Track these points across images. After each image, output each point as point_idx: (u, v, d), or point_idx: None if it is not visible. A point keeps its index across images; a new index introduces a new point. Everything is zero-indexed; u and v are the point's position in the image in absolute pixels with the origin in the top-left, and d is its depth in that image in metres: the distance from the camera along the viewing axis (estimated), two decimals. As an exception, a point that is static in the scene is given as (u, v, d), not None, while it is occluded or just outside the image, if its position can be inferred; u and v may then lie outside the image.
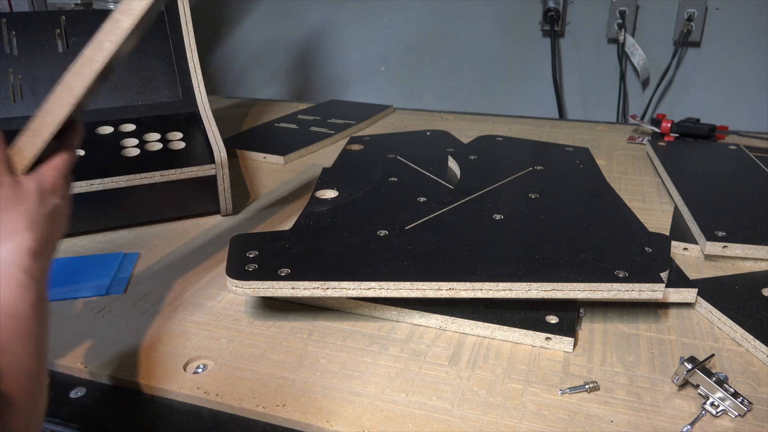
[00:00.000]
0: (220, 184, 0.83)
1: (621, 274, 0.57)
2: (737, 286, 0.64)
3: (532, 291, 0.57)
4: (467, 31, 1.58)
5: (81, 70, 0.47)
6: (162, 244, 0.77)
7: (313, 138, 1.16)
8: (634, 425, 0.47)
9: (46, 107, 0.47)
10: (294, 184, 0.97)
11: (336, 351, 0.56)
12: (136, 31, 0.48)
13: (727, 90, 1.41)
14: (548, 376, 0.53)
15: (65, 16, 0.87)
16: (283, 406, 0.49)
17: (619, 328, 0.60)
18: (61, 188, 0.47)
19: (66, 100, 0.47)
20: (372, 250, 0.63)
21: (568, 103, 1.55)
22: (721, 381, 0.49)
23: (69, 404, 0.50)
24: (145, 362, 0.54)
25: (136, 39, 0.51)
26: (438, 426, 0.47)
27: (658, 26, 1.41)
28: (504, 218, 0.71)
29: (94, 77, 0.47)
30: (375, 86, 1.73)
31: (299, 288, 0.58)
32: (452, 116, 1.39)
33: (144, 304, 0.64)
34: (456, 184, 0.84)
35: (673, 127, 1.15)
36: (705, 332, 0.59)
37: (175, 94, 0.90)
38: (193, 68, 0.90)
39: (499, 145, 1.04)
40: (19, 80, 0.83)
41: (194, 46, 0.91)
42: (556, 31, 1.46)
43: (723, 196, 0.83)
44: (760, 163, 0.97)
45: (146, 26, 0.50)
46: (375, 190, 0.82)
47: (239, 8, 1.78)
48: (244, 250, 0.63)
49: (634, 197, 0.91)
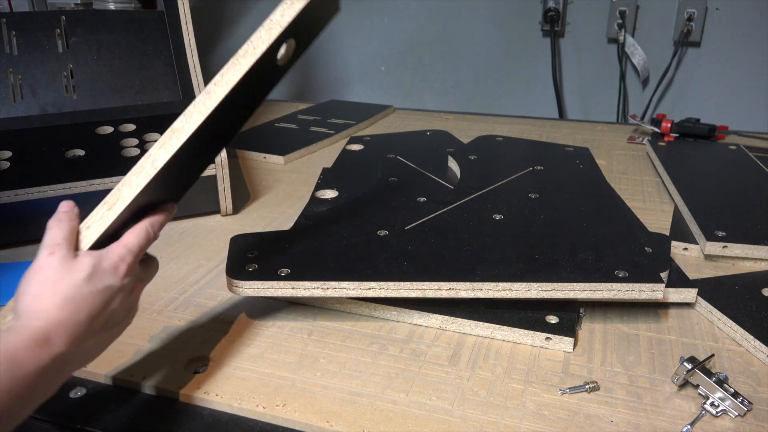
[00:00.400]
0: (220, 184, 0.83)
1: (621, 274, 0.57)
2: (737, 286, 0.64)
3: (532, 291, 0.57)
4: (467, 31, 1.58)
5: (167, 141, 0.44)
6: (162, 244, 0.77)
7: (313, 138, 1.16)
8: (634, 425, 0.47)
9: (125, 179, 0.44)
10: (294, 184, 0.97)
11: (336, 351, 0.56)
12: (221, 109, 0.45)
13: (727, 90, 1.41)
14: (548, 376, 0.53)
15: (65, 16, 0.87)
16: (283, 406, 0.49)
17: (619, 328, 0.60)
18: (127, 268, 0.43)
19: (146, 172, 0.43)
20: (372, 250, 0.63)
21: (568, 103, 1.55)
22: (721, 381, 0.49)
23: (69, 404, 0.50)
24: (145, 362, 0.54)
25: (219, 119, 0.46)
26: (438, 426, 0.47)
27: (658, 26, 1.41)
28: (504, 218, 0.71)
29: (179, 149, 0.43)
30: (375, 86, 1.73)
31: (299, 288, 0.58)
32: (452, 116, 1.39)
33: (144, 304, 0.64)
34: (456, 184, 0.84)
35: (673, 127, 1.15)
36: (705, 332, 0.59)
37: (175, 94, 0.90)
38: (193, 68, 0.90)
39: (499, 145, 1.04)
40: (19, 80, 0.83)
41: (194, 46, 0.90)
42: (556, 31, 1.46)
43: (723, 196, 0.83)
44: (760, 163, 0.97)
45: (231, 106, 0.46)
46: (375, 190, 0.82)
47: (239, 8, 1.78)
48: (244, 250, 0.63)
49: (634, 197, 0.91)
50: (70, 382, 0.53)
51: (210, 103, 0.44)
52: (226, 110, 0.46)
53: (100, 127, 0.85)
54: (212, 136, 0.48)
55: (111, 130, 0.85)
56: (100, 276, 0.41)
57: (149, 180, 0.43)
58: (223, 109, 0.45)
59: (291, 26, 0.46)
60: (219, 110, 0.45)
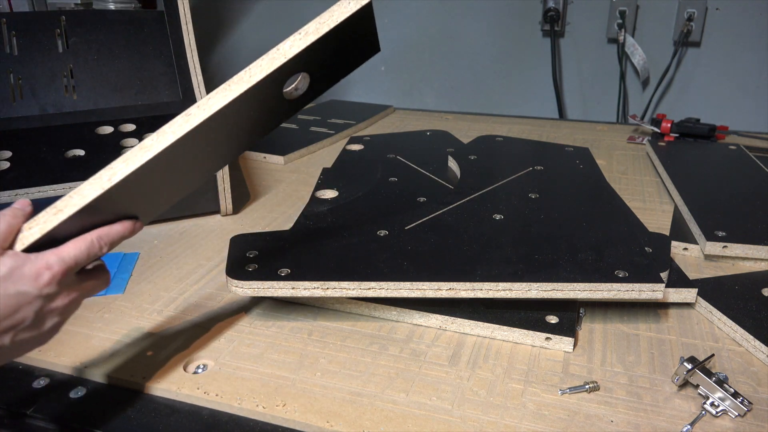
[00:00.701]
0: (220, 184, 0.83)
1: (621, 274, 0.57)
2: (737, 286, 0.64)
3: (532, 291, 0.57)
4: (467, 31, 1.58)
5: (131, 157, 0.42)
6: (162, 244, 0.77)
7: (313, 138, 1.16)
8: (634, 425, 0.47)
9: (80, 186, 0.41)
10: (294, 184, 0.97)
11: (336, 351, 0.56)
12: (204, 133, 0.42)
13: (727, 90, 1.41)
14: (548, 376, 0.53)
15: (65, 16, 0.87)
16: (283, 406, 0.49)
17: (619, 328, 0.60)
18: (50, 277, 0.40)
19: (100, 184, 0.41)
20: (372, 250, 0.63)
21: (568, 103, 1.55)
22: (721, 381, 0.49)
23: (69, 404, 0.50)
24: (145, 362, 0.54)
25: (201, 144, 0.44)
26: (438, 426, 0.47)
27: (658, 26, 1.41)
28: (504, 218, 0.71)
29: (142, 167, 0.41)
30: (375, 86, 1.73)
31: (299, 288, 0.58)
32: (452, 116, 1.39)
33: (144, 304, 0.64)
34: (456, 184, 0.84)
35: (673, 127, 1.15)
36: (705, 332, 0.59)
37: (175, 94, 0.90)
38: (193, 68, 0.90)
39: (499, 145, 1.04)
40: (19, 80, 0.83)
41: (194, 46, 0.90)
42: (556, 31, 1.46)
43: (723, 196, 0.83)
44: (760, 163, 0.97)
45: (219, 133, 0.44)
46: (375, 190, 0.82)
47: (239, 8, 1.78)
48: (244, 250, 0.63)
49: (634, 197, 0.91)
50: (68, 382, 0.53)
51: (186, 126, 0.42)
52: (213, 135, 0.43)
53: (100, 127, 0.85)
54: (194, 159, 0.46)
55: (111, 130, 0.85)
56: (16, 280, 0.39)
57: (102, 192, 0.41)
58: (206, 133, 0.42)
59: (300, 60, 0.43)
60: (200, 134, 0.42)
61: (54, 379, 0.53)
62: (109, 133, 0.85)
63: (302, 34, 0.44)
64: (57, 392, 0.52)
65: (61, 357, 0.55)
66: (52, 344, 0.56)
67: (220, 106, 0.42)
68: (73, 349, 0.56)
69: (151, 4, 1.57)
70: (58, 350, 0.56)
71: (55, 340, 0.57)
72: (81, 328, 0.59)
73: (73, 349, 0.56)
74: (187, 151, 0.43)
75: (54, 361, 0.55)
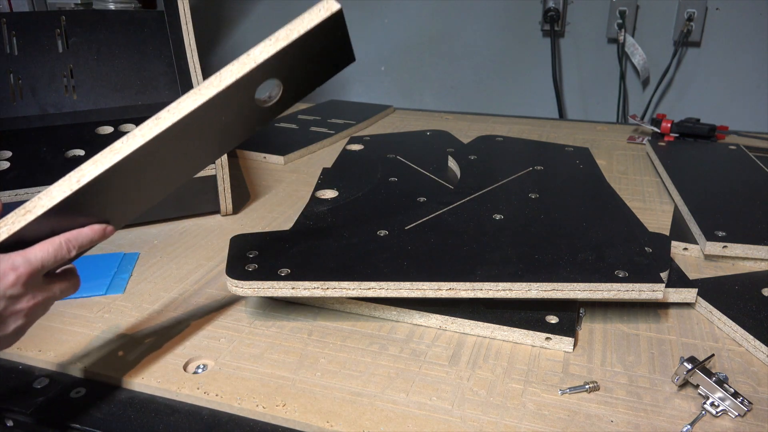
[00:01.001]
0: (220, 184, 0.83)
1: (621, 274, 0.57)
2: (737, 286, 0.64)
3: (532, 291, 0.57)
4: (467, 31, 1.58)
5: (100, 159, 0.41)
6: (162, 244, 0.77)
7: (313, 138, 1.16)
8: (634, 425, 0.47)
9: (50, 187, 0.41)
10: (294, 184, 0.97)
11: (336, 351, 0.56)
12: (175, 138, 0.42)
13: (727, 90, 1.41)
14: (548, 376, 0.53)
15: (65, 16, 0.87)
16: (283, 406, 0.49)
17: (619, 328, 0.60)
18: (15, 278, 0.40)
19: (69, 185, 0.40)
20: (372, 250, 0.63)
21: (568, 103, 1.55)
22: (721, 381, 0.49)
23: (69, 404, 0.50)
24: (145, 362, 0.54)
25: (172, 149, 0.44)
26: (438, 426, 0.47)
27: (658, 26, 1.41)
28: (504, 218, 0.71)
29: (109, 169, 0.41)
30: (375, 86, 1.73)
31: (299, 288, 0.58)
32: (452, 116, 1.39)
33: (144, 304, 0.64)
34: (456, 184, 0.84)
35: (673, 127, 1.15)
36: (705, 332, 0.59)
37: (175, 94, 0.90)
38: (193, 68, 0.90)
39: (499, 145, 1.04)
40: (19, 80, 0.83)
41: (194, 46, 0.90)
42: (556, 31, 1.46)
43: (723, 196, 0.83)
44: (760, 163, 0.97)
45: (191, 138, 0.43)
46: (375, 190, 0.82)
47: (239, 8, 1.78)
48: (244, 250, 0.63)
49: (634, 197, 0.91)
50: (69, 382, 0.53)
51: (155, 129, 0.42)
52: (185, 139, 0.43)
53: (100, 127, 0.85)
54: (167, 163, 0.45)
55: (111, 130, 0.85)
56: None
57: (70, 194, 0.41)
58: (177, 137, 0.42)
59: (271, 66, 0.43)
60: (171, 138, 0.42)
61: (54, 379, 0.53)
62: (109, 133, 0.85)
63: (273, 40, 0.44)
64: (57, 392, 0.52)
65: (60, 357, 0.55)
66: (52, 344, 0.57)
67: (189, 109, 0.42)
68: (73, 349, 0.56)
69: (151, 4, 1.57)
70: (58, 350, 0.56)
71: (55, 340, 0.57)
72: (81, 328, 0.59)
73: (73, 349, 0.56)
74: (159, 154, 0.43)
75: (54, 361, 0.55)
